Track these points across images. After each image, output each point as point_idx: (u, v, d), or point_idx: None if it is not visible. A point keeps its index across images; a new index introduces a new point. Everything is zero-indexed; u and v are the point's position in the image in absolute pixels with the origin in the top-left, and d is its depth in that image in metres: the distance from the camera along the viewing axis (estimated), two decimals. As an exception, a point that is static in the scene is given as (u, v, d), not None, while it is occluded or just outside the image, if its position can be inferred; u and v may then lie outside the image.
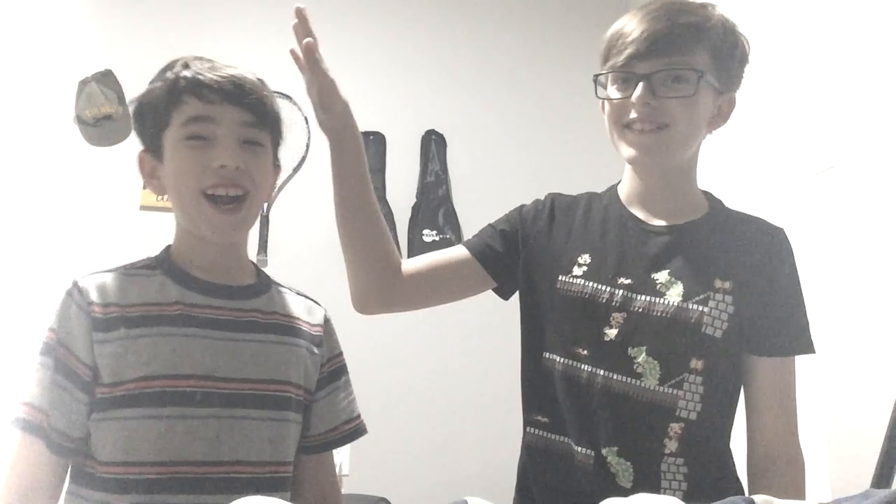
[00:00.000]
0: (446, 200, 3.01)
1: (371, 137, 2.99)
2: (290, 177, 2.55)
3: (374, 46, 3.09)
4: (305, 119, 2.50)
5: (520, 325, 1.26)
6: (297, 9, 1.10)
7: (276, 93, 1.17)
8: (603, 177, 1.33)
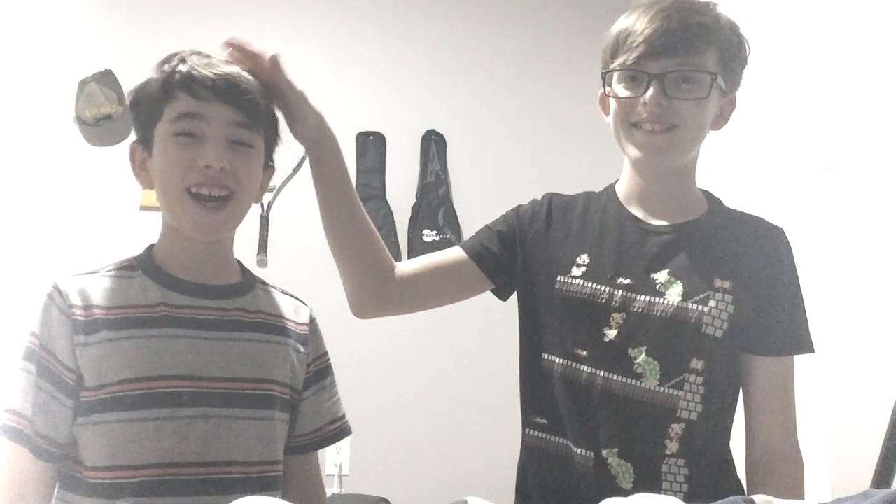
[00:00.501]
0: (446, 200, 3.01)
1: (371, 137, 2.99)
2: (289, 177, 2.54)
3: (374, 46, 3.09)
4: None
5: (518, 326, 1.25)
6: (228, 42, 1.08)
7: None
8: (603, 176, 1.33)
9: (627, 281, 1.14)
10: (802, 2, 2.00)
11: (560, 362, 1.15)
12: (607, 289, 1.14)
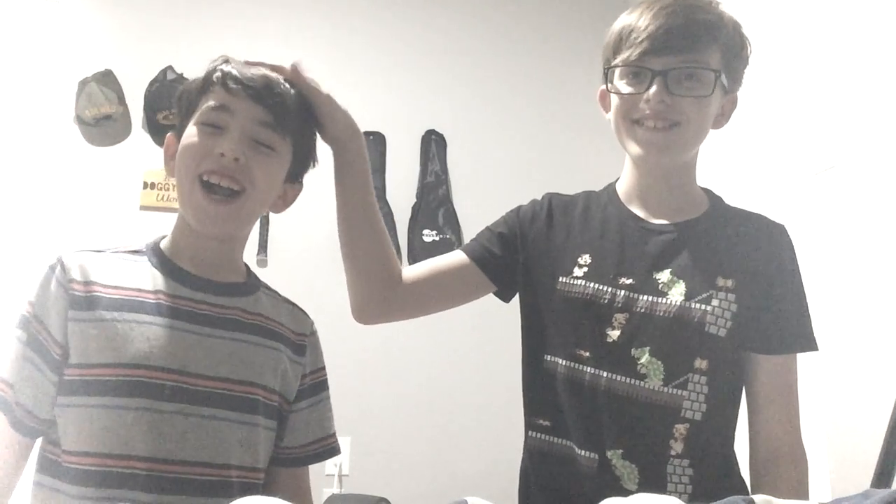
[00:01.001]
0: (446, 200, 3.01)
1: (371, 137, 2.99)
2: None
3: (375, 46, 3.09)
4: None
5: (520, 327, 1.24)
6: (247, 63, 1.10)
7: None
8: (603, 175, 1.33)
9: (630, 281, 1.13)
10: (803, 1, 2.00)
11: (563, 363, 1.14)
12: (610, 289, 1.13)
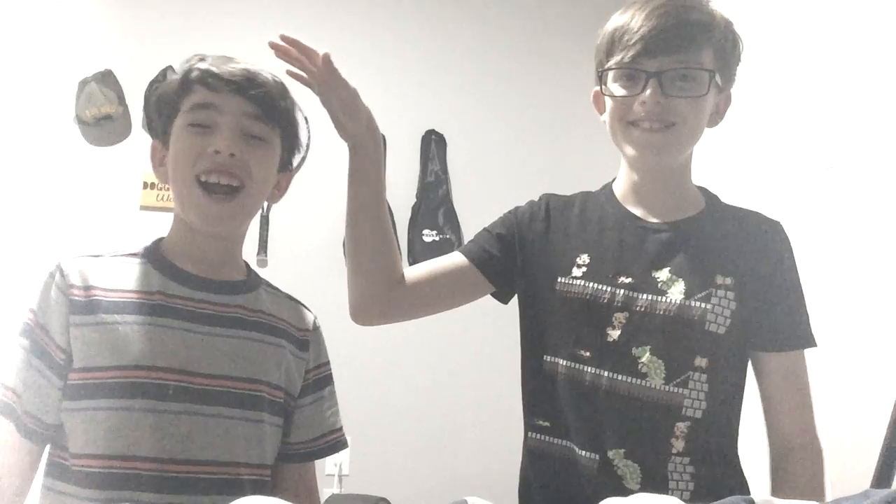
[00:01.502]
0: (446, 200, 3.01)
1: (371, 137, 2.99)
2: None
3: (374, 46, 3.09)
4: (305, 119, 2.50)
5: (519, 328, 1.24)
6: (283, 36, 1.08)
7: None
8: (603, 175, 1.33)
9: (629, 280, 1.13)
10: (802, 1, 2.00)
11: (563, 364, 1.14)
12: (609, 288, 1.13)
